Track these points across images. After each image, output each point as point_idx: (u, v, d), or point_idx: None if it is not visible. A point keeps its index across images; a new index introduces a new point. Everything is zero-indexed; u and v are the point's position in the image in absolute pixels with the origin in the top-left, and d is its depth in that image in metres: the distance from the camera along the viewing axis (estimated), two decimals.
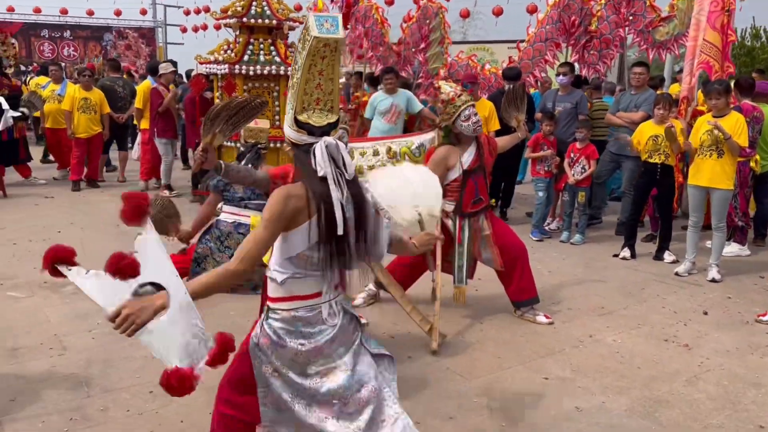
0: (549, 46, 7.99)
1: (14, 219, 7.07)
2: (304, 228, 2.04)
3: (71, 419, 3.03)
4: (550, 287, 5.11)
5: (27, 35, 20.91)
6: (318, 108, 2.09)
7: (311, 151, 2.04)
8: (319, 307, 2.13)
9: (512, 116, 4.51)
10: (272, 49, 7.24)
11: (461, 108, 4.07)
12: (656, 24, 7.55)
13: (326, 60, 2.03)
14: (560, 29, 7.86)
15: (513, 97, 4.46)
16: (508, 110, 4.50)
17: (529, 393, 3.39)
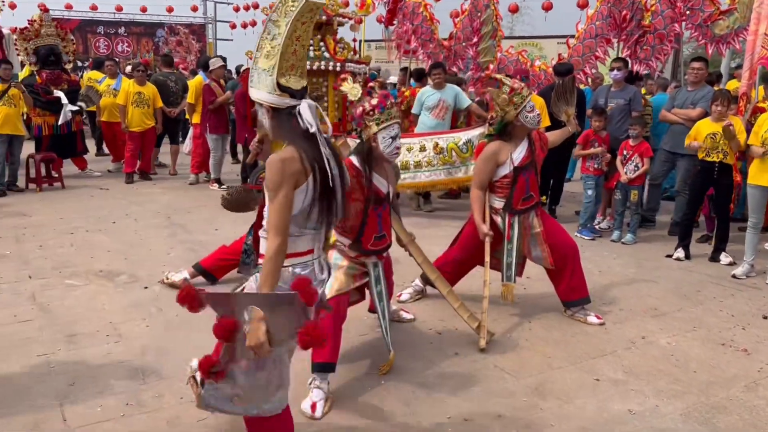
0: (599, 42, 7.81)
1: (72, 209, 7.31)
2: (303, 188, 2.19)
3: (127, 404, 3.12)
4: (601, 287, 5.01)
5: (83, 32, 21.53)
6: (293, 73, 2.22)
7: (294, 113, 2.19)
8: (312, 264, 2.32)
9: (562, 110, 4.43)
10: (321, 44, 7.28)
11: (527, 99, 4.00)
12: (715, 17, 7.31)
13: (305, 26, 2.17)
14: (611, 24, 7.68)
15: (563, 91, 4.39)
16: (558, 104, 4.43)
17: (580, 394, 3.33)
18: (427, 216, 7.50)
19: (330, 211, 2.29)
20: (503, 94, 4.02)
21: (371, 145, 3.27)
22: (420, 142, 7.17)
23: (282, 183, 2.15)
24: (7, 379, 3.33)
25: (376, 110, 3.22)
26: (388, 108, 3.23)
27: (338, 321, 3.29)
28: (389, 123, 3.24)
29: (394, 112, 3.26)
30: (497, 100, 4.05)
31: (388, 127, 3.23)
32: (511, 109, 4.01)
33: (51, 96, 8.71)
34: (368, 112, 3.22)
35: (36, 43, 9.09)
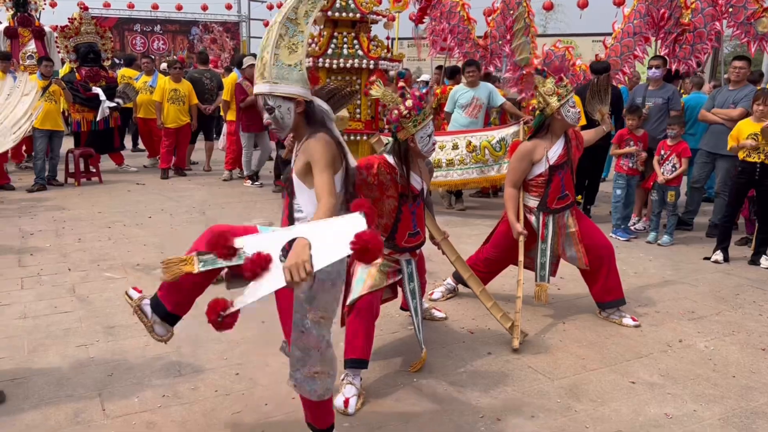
0: (638, 40, 7.67)
1: (109, 204, 7.46)
2: (339, 173, 2.36)
3: (164, 396, 3.17)
4: (636, 289, 4.93)
5: (121, 29, 21.93)
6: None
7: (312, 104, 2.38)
8: None
9: (596, 109, 4.36)
10: (355, 42, 7.30)
11: (571, 94, 3.95)
12: (759, 15, 7.13)
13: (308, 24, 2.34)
14: (649, 23, 7.53)
15: (597, 90, 4.32)
16: (592, 103, 4.37)
17: (615, 396, 3.29)
18: (459, 215, 7.47)
19: (351, 195, 2.42)
20: (549, 83, 3.98)
21: (409, 145, 3.27)
22: (452, 140, 7.14)
23: (334, 160, 2.31)
24: (48, 369, 3.41)
25: (413, 112, 3.21)
26: (423, 108, 3.23)
27: (371, 318, 3.30)
28: (426, 122, 3.24)
29: (428, 110, 3.26)
30: (542, 88, 4.00)
31: (425, 125, 3.23)
32: (554, 100, 3.96)
33: (90, 92, 8.90)
34: (405, 115, 3.21)
35: (76, 40, 9.28)
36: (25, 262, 5.18)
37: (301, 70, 2.31)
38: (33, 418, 2.93)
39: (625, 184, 6.45)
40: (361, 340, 3.23)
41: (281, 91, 2.34)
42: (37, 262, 5.20)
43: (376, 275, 3.37)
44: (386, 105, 3.29)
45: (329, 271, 2.37)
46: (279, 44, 2.28)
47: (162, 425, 2.91)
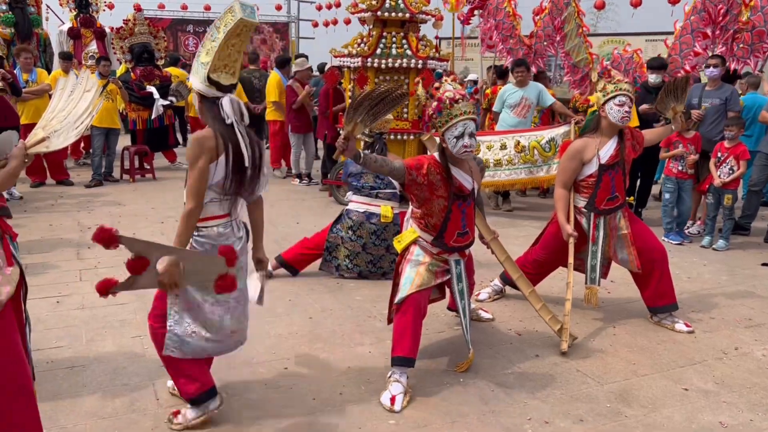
0: (696, 37, 7.45)
1: (162, 200, 7.66)
2: (217, 162, 2.62)
3: None
4: (690, 294, 4.80)
5: (174, 30, 22.48)
6: (225, 71, 2.67)
7: (218, 103, 2.65)
8: (230, 224, 2.79)
9: (669, 107, 4.24)
10: (404, 42, 7.32)
11: (621, 92, 3.89)
12: None
13: (240, 36, 2.63)
14: (705, 19, 7.31)
15: (673, 87, 4.20)
16: (666, 100, 4.23)
17: (668, 403, 3.21)
18: (506, 215, 7.40)
19: (241, 184, 2.73)
20: (603, 79, 3.95)
21: (443, 146, 3.29)
22: (500, 140, 7.09)
23: (199, 156, 2.59)
24: (105, 358, 3.53)
25: (435, 114, 3.25)
26: (445, 109, 3.23)
27: (418, 317, 3.31)
28: (451, 123, 3.23)
29: (455, 111, 3.23)
30: (596, 83, 3.98)
31: (451, 127, 3.23)
32: (600, 96, 3.92)
33: (144, 91, 9.16)
34: (431, 116, 3.24)
35: (130, 41, 9.57)
36: (84, 255, 5.37)
37: (206, 69, 2.63)
38: (91, 405, 3.04)
39: (675, 187, 6.29)
40: (409, 339, 3.24)
41: (191, 82, 2.69)
42: (95, 255, 5.37)
43: (425, 274, 3.37)
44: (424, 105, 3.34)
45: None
46: (204, 44, 2.67)
47: (212, 416, 2.97)
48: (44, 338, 3.74)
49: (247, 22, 2.58)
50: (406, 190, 3.35)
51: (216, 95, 2.68)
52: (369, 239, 4.83)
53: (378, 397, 3.15)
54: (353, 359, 3.61)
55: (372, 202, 4.88)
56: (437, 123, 3.29)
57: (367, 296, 4.58)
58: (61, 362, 3.46)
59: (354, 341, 3.85)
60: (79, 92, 2.16)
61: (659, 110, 4.37)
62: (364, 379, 3.38)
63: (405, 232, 3.55)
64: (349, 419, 2.99)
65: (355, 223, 4.85)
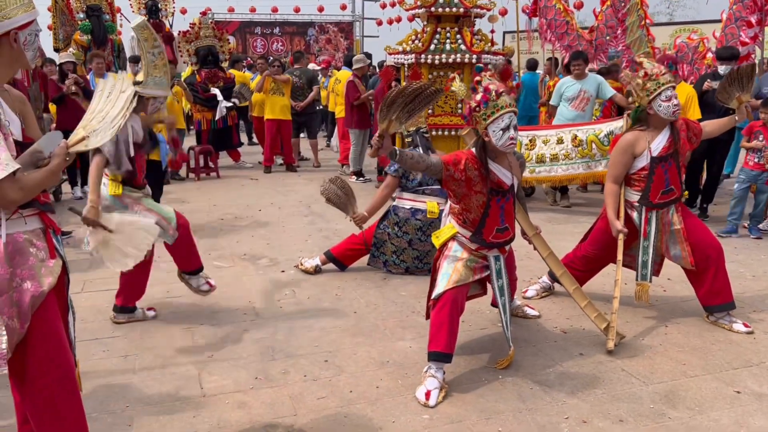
0: (740, 26, 7.06)
1: (224, 197, 7.92)
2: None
3: (256, 378, 3.34)
4: (753, 293, 4.57)
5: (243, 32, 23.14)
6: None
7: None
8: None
9: (733, 96, 4.04)
10: (458, 37, 7.27)
11: (664, 86, 3.76)
12: None
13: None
14: (749, 6, 6.91)
15: (738, 76, 4.00)
16: (729, 90, 4.04)
17: (716, 405, 3.08)
18: (563, 211, 7.24)
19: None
20: (638, 78, 3.80)
21: (484, 140, 3.24)
22: (557, 134, 6.94)
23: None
24: (155, 348, 3.70)
25: (480, 106, 3.18)
26: (492, 101, 3.17)
27: (455, 312, 3.30)
28: (497, 115, 3.17)
29: (501, 103, 3.18)
30: (631, 84, 3.84)
31: (497, 119, 3.17)
32: (644, 95, 3.79)
33: (208, 93, 9.48)
34: (474, 108, 3.19)
35: (196, 44, 9.91)
36: None
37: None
38: (140, 391, 3.20)
39: (747, 179, 5.99)
40: (445, 334, 3.24)
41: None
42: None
43: (462, 270, 3.36)
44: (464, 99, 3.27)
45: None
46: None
47: (252, 406, 3.07)
48: (103, 327, 3.96)
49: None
50: (444, 186, 3.34)
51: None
52: (415, 235, 4.84)
53: (414, 392, 3.17)
54: (393, 353, 3.64)
55: (418, 198, 4.89)
56: (482, 115, 3.21)
57: (412, 292, 4.60)
58: (116, 350, 3.65)
59: (395, 336, 3.88)
60: (115, 93, 2.27)
61: (721, 100, 4.17)
62: (402, 373, 3.40)
63: (443, 228, 3.55)
64: (383, 412, 3.02)
65: (401, 219, 4.87)
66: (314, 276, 4.96)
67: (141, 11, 11.64)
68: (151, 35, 3.62)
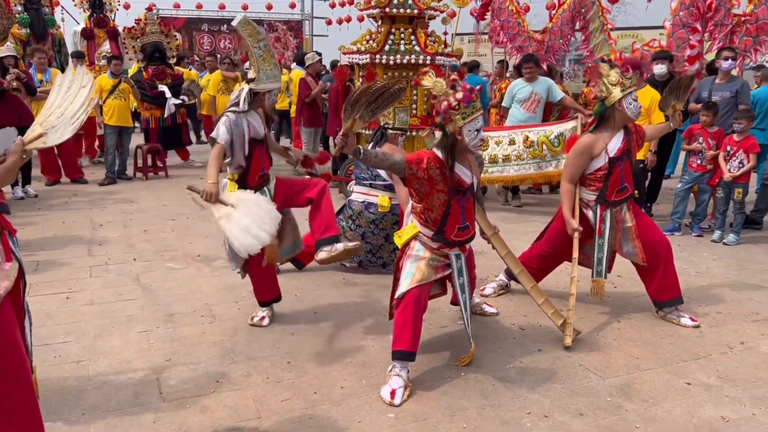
0: (688, 31, 7.37)
1: (175, 197, 7.75)
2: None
3: (218, 381, 3.28)
4: (698, 289, 4.77)
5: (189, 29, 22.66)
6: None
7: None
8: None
9: (670, 104, 4.22)
10: (412, 38, 7.31)
11: (632, 88, 3.88)
12: None
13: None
14: (694, 14, 7.22)
15: (678, 86, 4.18)
16: (668, 98, 4.22)
17: (669, 397, 3.20)
18: (515, 211, 7.39)
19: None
20: (614, 73, 3.91)
21: (456, 138, 3.27)
22: (509, 135, 7.07)
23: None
24: (111, 352, 3.59)
25: (462, 104, 3.20)
26: (471, 102, 3.21)
27: (418, 311, 3.32)
28: (475, 116, 3.22)
29: (477, 104, 3.23)
30: (607, 76, 3.92)
31: (474, 120, 3.21)
32: (617, 91, 3.88)
33: (156, 90, 9.26)
34: (454, 106, 3.21)
35: (142, 41, 9.66)
36: (95, 252, 5.45)
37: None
38: (96, 398, 3.09)
39: (690, 180, 6.24)
40: (409, 333, 3.25)
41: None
42: (106, 251, 5.46)
43: (425, 269, 3.38)
44: (436, 96, 3.28)
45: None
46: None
47: (214, 410, 3.02)
48: (53, 333, 3.81)
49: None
50: (407, 185, 3.36)
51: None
52: (368, 228, 4.87)
53: (379, 391, 3.17)
54: (356, 353, 3.64)
55: (370, 192, 4.91)
56: (461, 114, 3.20)
57: (371, 292, 4.61)
58: (68, 356, 3.52)
59: (358, 336, 3.88)
60: (75, 89, 2.20)
61: (661, 107, 4.35)
62: (365, 373, 3.40)
63: (405, 228, 3.57)
64: (348, 412, 3.02)
65: (354, 212, 4.90)
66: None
67: (84, 5, 11.23)
68: (255, 30, 3.55)
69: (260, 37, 3.61)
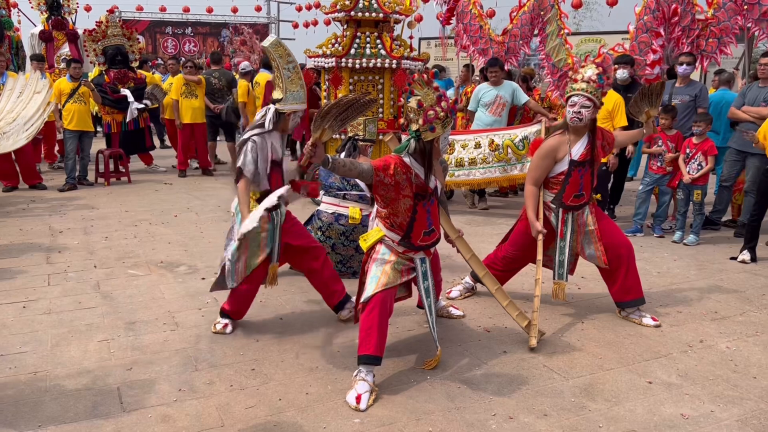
0: (652, 35, 7.53)
1: (137, 203, 7.61)
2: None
3: (180, 390, 3.22)
4: (659, 289, 4.85)
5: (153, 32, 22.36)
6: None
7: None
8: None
9: (642, 110, 4.27)
10: (378, 42, 7.32)
11: (573, 92, 3.94)
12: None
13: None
14: (659, 18, 7.39)
15: (648, 92, 4.24)
16: (640, 104, 4.27)
17: (631, 396, 3.25)
18: (481, 214, 7.43)
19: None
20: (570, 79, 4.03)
21: (434, 146, 3.29)
22: (475, 138, 7.12)
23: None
24: (69, 363, 3.50)
25: (448, 114, 3.28)
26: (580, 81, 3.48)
27: (384, 315, 3.31)
28: (451, 125, 3.33)
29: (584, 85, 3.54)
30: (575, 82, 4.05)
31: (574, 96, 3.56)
32: (567, 92, 3.99)
33: (117, 94, 9.08)
34: (439, 116, 3.23)
35: (103, 43, 9.47)
36: (54, 260, 5.32)
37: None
38: (53, 409, 3.01)
39: (651, 182, 6.37)
40: (375, 338, 3.24)
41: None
42: (65, 259, 5.33)
43: (390, 273, 3.38)
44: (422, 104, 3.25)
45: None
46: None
47: (177, 418, 2.96)
48: (8, 343, 3.70)
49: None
50: (373, 191, 3.35)
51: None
52: (338, 240, 4.83)
53: (344, 397, 3.15)
54: (321, 359, 3.61)
55: (341, 203, 4.88)
56: (443, 123, 3.25)
57: None
58: (24, 367, 3.42)
59: (323, 341, 3.85)
60: (28, 93, 2.14)
61: (632, 113, 4.40)
62: (331, 378, 3.38)
63: (371, 231, 3.56)
64: (314, 418, 2.99)
65: (324, 223, 4.85)
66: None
67: (41, 7, 10.97)
68: (285, 51, 3.63)
69: (290, 58, 3.64)
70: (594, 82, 3.93)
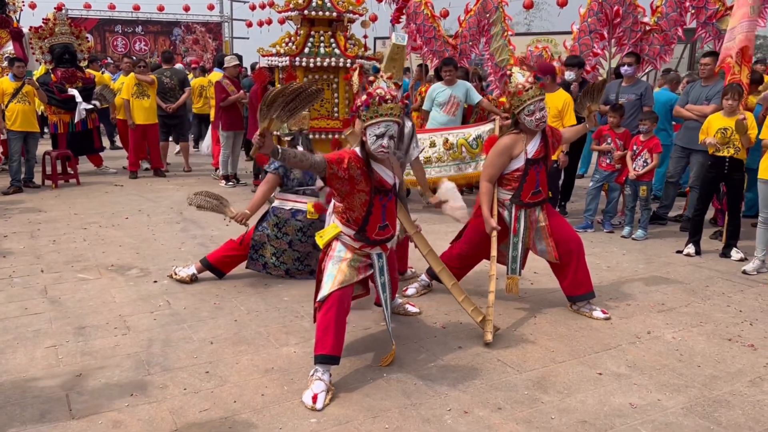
0: (594, 38, 7.74)
1: (86, 205, 7.42)
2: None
3: (132, 395, 3.16)
4: (609, 283, 4.99)
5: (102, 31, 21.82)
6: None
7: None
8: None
9: (585, 106, 4.40)
10: (332, 41, 7.31)
11: (526, 103, 4.00)
12: (721, 14, 7.25)
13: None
14: (602, 20, 7.61)
15: (591, 90, 4.36)
16: (583, 101, 4.40)
17: (582, 387, 3.33)
18: (436, 212, 7.47)
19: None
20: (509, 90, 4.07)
21: (363, 140, 3.30)
22: (430, 138, 7.18)
23: None
24: (15, 370, 3.39)
25: (362, 108, 3.26)
26: (372, 106, 3.23)
27: (342, 314, 3.31)
28: (375, 121, 3.24)
29: (382, 110, 3.24)
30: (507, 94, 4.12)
31: (374, 125, 3.24)
32: (515, 104, 4.04)
33: (65, 94, 8.83)
34: (359, 107, 3.25)
35: (50, 41, 9.21)
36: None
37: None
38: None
39: (600, 179, 6.54)
40: (332, 337, 3.24)
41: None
42: (10, 264, 5.16)
43: (347, 270, 3.38)
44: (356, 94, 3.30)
45: None
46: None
47: (128, 424, 2.90)
48: None
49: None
50: (328, 184, 3.35)
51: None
52: (295, 236, 4.79)
53: (300, 397, 3.14)
54: (277, 360, 3.59)
55: (298, 198, 4.85)
56: (363, 116, 3.28)
57: (295, 296, 4.56)
58: None
59: (279, 342, 3.83)
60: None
61: (577, 110, 4.52)
62: (287, 379, 3.36)
63: (327, 228, 3.56)
64: (270, 420, 2.97)
65: (281, 220, 4.80)
66: (190, 285, 4.78)
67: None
68: (402, 56, 3.64)
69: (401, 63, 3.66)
70: (534, 83, 4.04)
